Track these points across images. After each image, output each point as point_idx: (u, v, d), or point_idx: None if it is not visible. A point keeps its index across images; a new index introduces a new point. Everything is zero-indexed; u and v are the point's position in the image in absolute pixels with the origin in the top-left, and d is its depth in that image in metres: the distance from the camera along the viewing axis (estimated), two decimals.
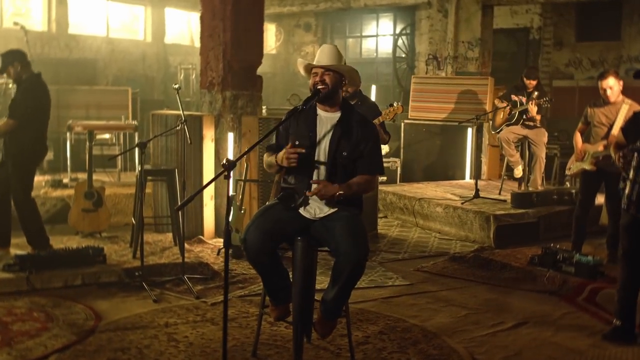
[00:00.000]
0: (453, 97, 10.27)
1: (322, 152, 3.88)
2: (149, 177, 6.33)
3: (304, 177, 3.89)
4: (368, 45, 16.61)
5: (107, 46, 14.04)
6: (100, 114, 10.55)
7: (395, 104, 6.26)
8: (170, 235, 6.65)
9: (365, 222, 3.99)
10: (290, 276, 3.92)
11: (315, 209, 3.89)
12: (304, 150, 3.79)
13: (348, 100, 4.12)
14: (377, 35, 16.32)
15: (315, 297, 3.93)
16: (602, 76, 6.13)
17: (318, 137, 3.90)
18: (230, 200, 6.57)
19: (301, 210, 3.90)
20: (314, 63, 3.93)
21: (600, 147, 6.09)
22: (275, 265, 3.83)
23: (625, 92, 6.16)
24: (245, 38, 7.10)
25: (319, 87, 3.85)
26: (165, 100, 14.79)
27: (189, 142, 5.22)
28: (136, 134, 8.94)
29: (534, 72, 8.45)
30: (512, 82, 10.35)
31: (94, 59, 13.72)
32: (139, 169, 5.62)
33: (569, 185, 8.44)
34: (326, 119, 3.94)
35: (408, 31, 15.35)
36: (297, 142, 3.88)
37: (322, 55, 3.93)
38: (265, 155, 4.10)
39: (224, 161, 3.35)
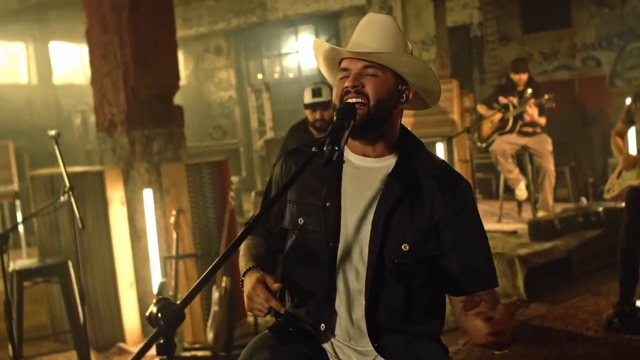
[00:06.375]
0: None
1: (354, 243, 1.90)
2: (26, 282, 4.14)
3: (316, 295, 1.93)
4: (289, 63, 14.79)
5: None
6: None
7: None
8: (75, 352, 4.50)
9: None
10: None
11: (350, 355, 1.93)
12: (282, 311, 1.84)
13: (412, 134, 2.05)
14: (297, 52, 14.51)
15: None
16: None
17: (345, 213, 1.92)
18: (161, 291, 4.52)
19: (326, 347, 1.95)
20: (348, 47, 1.93)
21: None
22: None
23: (585, 81, 4.68)
24: (154, 54, 5.07)
25: (352, 100, 1.85)
26: (63, 151, 12.50)
27: (80, 225, 3.14)
28: (17, 203, 6.69)
29: (522, 64, 6.73)
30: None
31: None
32: (10, 269, 3.51)
33: (585, 203, 6.73)
34: (364, 172, 1.95)
35: (333, 42, 13.62)
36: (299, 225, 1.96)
37: (364, 33, 1.93)
38: (243, 245, 2.10)
39: (152, 310, 1.31)
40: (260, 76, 14.90)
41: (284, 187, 1.67)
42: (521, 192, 6.70)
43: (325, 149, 1.62)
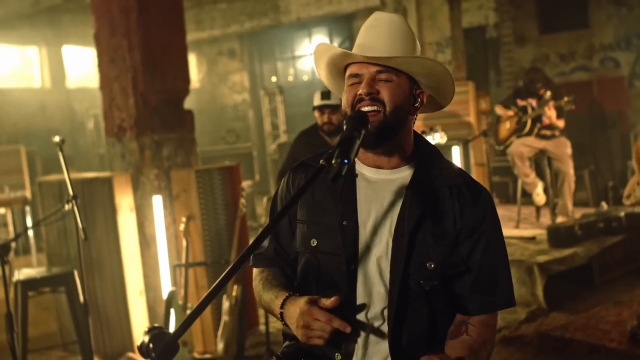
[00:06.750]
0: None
1: (373, 264, 1.76)
2: (31, 293, 4.02)
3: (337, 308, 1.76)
4: (302, 66, 14.69)
5: None
6: None
7: (439, 129, 4.11)
8: None
9: None
10: None
11: None
12: (349, 330, 1.62)
13: (428, 142, 1.91)
14: (311, 54, 14.36)
15: None
16: None
17: (361, 231, 1.77)
18: (170, 300, 4.41)
19: None
20: (355, 51, 1.78)
21: None
22: None
23: (603, 83, 4.54)
24: (163, 58, 4.97)
25: (365, 109, 1.71)
26: (76, 155, 12.45)
27: (83, 237, 3.04)
28: (27, 209, 6.62)
29: (539, 75, 6.51)
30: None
31: None
32: (14, 279, 3.41)
33: (605, 208, 6.56)
34: (378, 185, 1.81)
35: (347, 44, 13.50)
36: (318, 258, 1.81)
37: (373, 35, 1.78)
38: (255, 273, 1.95)
39: (143, 339, 1.19)
40: (274, 79, 14.81)
41: (290, 202, 1.51)
42: (539, 197, 6.54)
43: (333, 162, 1.46)
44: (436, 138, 5.57)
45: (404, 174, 1.80)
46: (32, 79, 12.48)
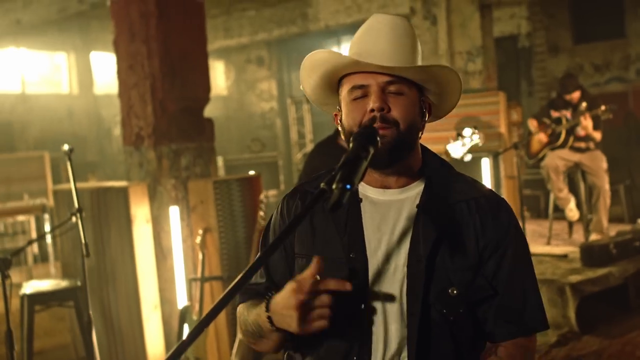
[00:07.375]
0: (457, 122, 8.14)
1: (388, 297, 1.52)
2: (38, 307, 3.86)
3: (345, 354, 1.54)
4: None
5: (24, 104, 11.66)
6: (11, 189, 8.15)
7: (470, 133, 3.81)
8: None
9: None
10: None
11: None
12: (349, 288, 1.38)
13: (437, 156, 1.68)
14: None
15: None
16: None
17: (371, 262, 1.54)
18: (183, 315, 4.27)
19: None
20: (358, 57, 1.51)
21: None
22: None
23: (639, 94, 4.31)
24: (183, 65, 4.84)
25: (376, 124, 1.48)
26: (102, 162, 12.45)
27: (85, 253, 2.89)
28: (46, 217, 6.52)
29: (572, 82, 6.25)
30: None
31: (7, 120, 11.35)
32: (21, 292, 3.28)
33: None
34: (385, 207, 1.58)
35: None
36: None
37: (378, 41, 1.52)
38: (239, 309, 1.67)
39: None
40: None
41: (284, 233, 1.27)
42: (572, 212, 6.27)
43: (334, 186, 1.22)
44: (474, 139, 5.33)
45: (414, 192, 1.59)
46: (60, 85, 12.52)
